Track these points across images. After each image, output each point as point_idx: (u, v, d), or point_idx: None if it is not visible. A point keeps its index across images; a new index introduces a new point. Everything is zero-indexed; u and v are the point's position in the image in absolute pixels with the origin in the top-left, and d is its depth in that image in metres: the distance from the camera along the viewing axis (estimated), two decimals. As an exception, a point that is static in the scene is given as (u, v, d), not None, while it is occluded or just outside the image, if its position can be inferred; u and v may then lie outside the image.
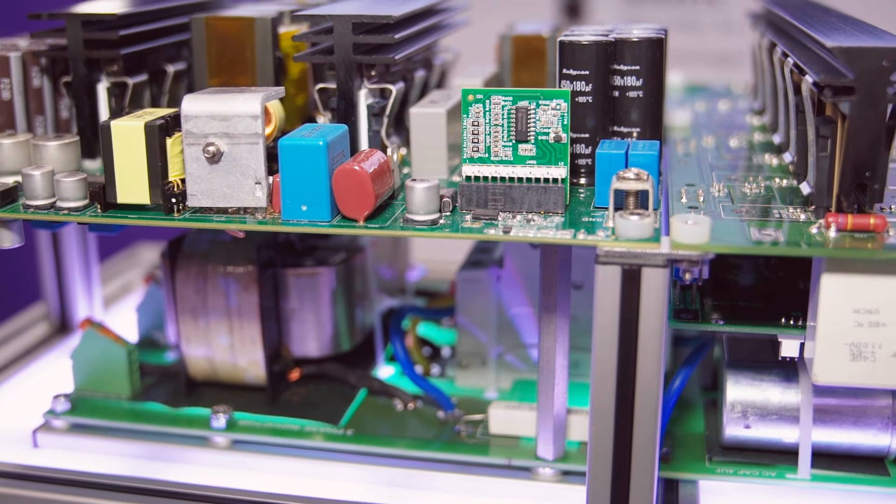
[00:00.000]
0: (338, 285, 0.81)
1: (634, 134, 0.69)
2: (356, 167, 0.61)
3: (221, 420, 0.76)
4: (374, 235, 0.63)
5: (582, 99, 0.68)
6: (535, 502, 0.70)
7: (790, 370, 0.70)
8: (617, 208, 0.60)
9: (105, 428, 0.78)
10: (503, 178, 0.64)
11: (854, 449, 0.69)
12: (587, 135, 0.69)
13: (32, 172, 0.66)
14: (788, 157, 0.74)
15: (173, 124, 0.64)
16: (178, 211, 0.65)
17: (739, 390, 0.70)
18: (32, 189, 0.66)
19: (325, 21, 0.69)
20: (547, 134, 0.64)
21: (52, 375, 0.87)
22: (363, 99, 0.70)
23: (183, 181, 0.64)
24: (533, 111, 0.63)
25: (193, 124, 0.63)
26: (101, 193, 0.65)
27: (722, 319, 0.66)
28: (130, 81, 0.75)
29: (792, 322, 0.65)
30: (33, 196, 0.66)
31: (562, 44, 0.68)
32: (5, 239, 0.68)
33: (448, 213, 0.64)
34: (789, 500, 0.69)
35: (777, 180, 0.71)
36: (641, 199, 0.60)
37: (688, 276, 0.60)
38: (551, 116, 0.63)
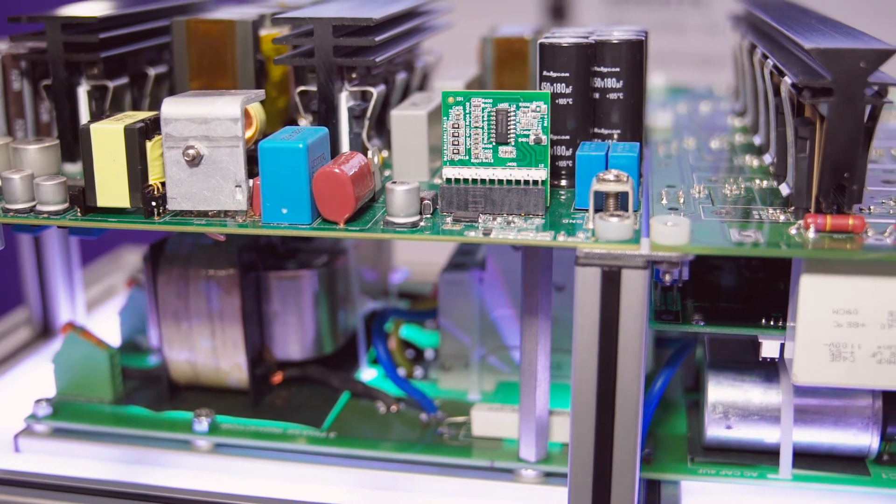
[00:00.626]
0: (320, 288, 0.81)
1: (615, 136, 0.69)
2: (336, 170, 0.61)
3: (204, 423, 0.76)
4: (354, 238, 0.63)
5: (562, 101, 0.68)
6: (518, 504, 0.70)
7: (771, 371, 0.70)
8: (597, 210, 0.60)
9: (87, 432, 0.77)
10: (483, 181, 0.64)
11: (835, 449, 0.70)
12: (568, 137, 0.69)
13: (12, 176, 0.66)
14: (768, 158, 0.74)
15: (153, 127, 0.64)
16: (159, 214, 0.64)
17: (721, 391, 0.70)
18: (12, 193, 0.66)
19: (305, 23, 0.69)
20: (527, 136, 0.64)
21: (34, 380, 0.87)
22: (344, 101, 0.70)
23: (163, 184, 0.64)
24: (513, 113, 0.64)
25: (173, 127, 0.63)
26: (81, 197, 0.65)
27: (703, 320, 0.66)
28: (111, 84, 0.74)
29: (772, 323, 0.65)
30: (13, 200, 0.66)
31: (542, 46, 0.68)
32: (-15, 242, 0.68)
33: (429, 216, 0.64)
34: (771, 500, 0.69)
35: (757, 181, 0.71)
36: (621, 201, 0.60)
37: (668, 278, 0.60)
38: (531, 118, 0.64)
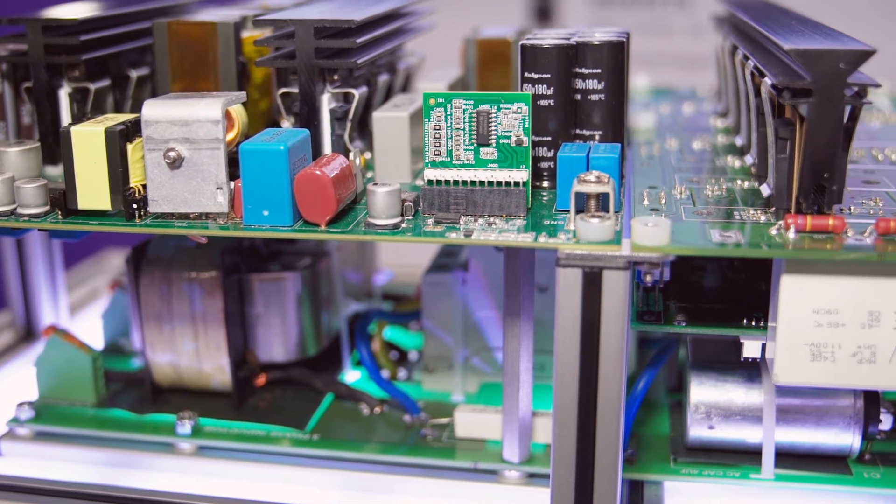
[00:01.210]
0: (303, 290, 0.80)
1: (597, 137, 0.70)
2: (317, 172, 0.61)
3: (187, 426, 0.76)
4: (335, 240, 0.63)
5: (544, 102, 0.68)
6: (501, 505, 0.70)
7: (753, 371, 0.70)
8: (578, 211, 0.61)
9: (70, 435, 0.77)
10: (465, 182, 0.64)
11: (817, 448, 0.70)
12: (549, 138, 0.69)
13: (-7, 179, 0.65)
14: (750, 159, 0.74)
15: (134, 129, 0.64)
16: (140, 217, 0.64)
17: (703, 391, 0.71)
18: (-7, 195, 0.66)
19: (286, 25, 0.69)
20: (508, 137, 0.64)
21: (17, 383, 0.87)
22: (326, 103, 0.70)
23: (144, 187, 0.64)
24: (494, 115, 0.64)
25: (154, 129, 0.62)
26: (62, 199, 0.65)
27: (685, 321, 0.66)
28: (92, 87, 0.74)
29: (754, 323, 0.65)
30: (-6, 202, 0.66)
31: (523, 47, 0.68)
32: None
33: (410, 217, 0.64)
34: (753, 499, 0.69)
35: (739, 182, 0.71)
36: (602, 202, 0.61)
37: (648, 279, 0.60)
38: (512, 120, 0.64)
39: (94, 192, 0.64)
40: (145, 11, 0.82)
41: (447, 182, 0.64)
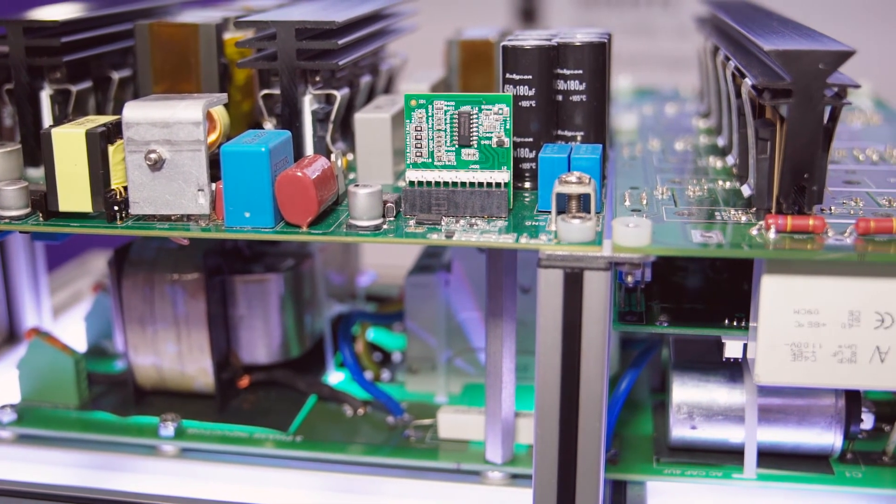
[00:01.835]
0: (286, 291, 0.80)
1: (578, 138, 0.70)
2: (299, 173, 0.61)
3: (170, 428, 0.75)
4: (317, 241, 0.63)
5: (525, 103, 0.68)
6: (484, 506, 0.70)
7: (735, 371, 0.71)
8: (559, 212, 0.61)
9: (52, 438, 0.77)
10: (447, 183, 0.64)
11: (799, 448, 0.70)
12: (531, 139, 0.69)
13: (-27, 181, 0.65)
14: (731, 159, 0.74)
15: (115, 131, 0.64)
16: (121, 219, 0.64)
17: (685, 391, 0.71)
18: (-26, 198, 0.65)
19: (268, 27, 0.69)
20: (490, 138, 0.64)
21: (-1, 386, 0.87)
22: (308, 105, 0.70)
23: (125, 189, 0.64)
24: (475, 116, 0.64)
25: (135, 131, 0.62)
26: (43, 201, 0.65)
27: (668, 321, 0.66)
28: (73, 89, 0.74)
29: (735, 323, 0.66)
30: (-25, 205, 0.65)
31: (505, 49, 0.68)
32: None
33: (392, 219, 0.64)
34: (736, 499, 0.69)
35: (720, 182, 0.71)
36: (584, 203, 0.61)
37: (630, 279, 0.60)
38: (494, 121, 0.64)
39: (75, 194, 0.64)
40: (127, 13, 0.81)
41: (429, 183, 0.64)
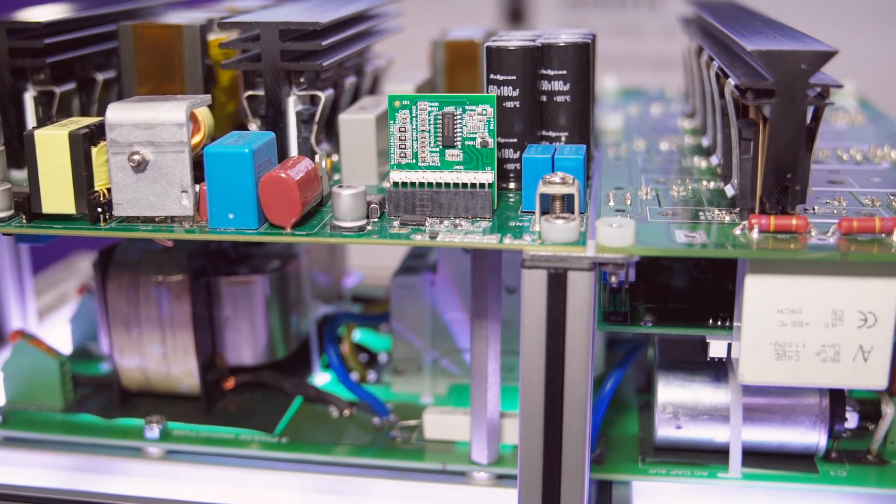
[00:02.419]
0: (272, 293, 0.80)
1: (563, 138, 0.70)
2: (282, 174, 0.61)
3: (155, 430, 0.75)
4: (301, 242, 0.63)
5: (509, 104, 0.68)
6: (470, 506, 0.70)
7: (720, 371, 0.71)
8: (544, 212, 0.61)
9: (37, 441, 0.77)
10: (431, 184, 0.64)
11: (784, 447, 0.70)
12: (515, 140, 0.69)
13: (-43, 183, 0.65)
14: (715, 159, 0.75)
15: (98, 133, 0.64)
16: (105, 220, 0.64)
17: (670, 391, 0.71)
18: (-43, 200, 0.65)
19: (252, 28, 0.69)
20: (474, 139, 0.64)
21: (-16, 388, 0.86)
22: (292, 106, 0.70)
23: (109, 190, 0.64)
24: (459, 116, 0.64)
25: (118, 133, 0.62)
26: (26, 203, 0.64)
27: (653, 321, 0.67)
28: (57, 90, 0.74)
29: (720, 323, 0.66)
30: (-42, 207, 0.65)
31: (488, 49, 0.69)
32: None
33: (376, 220, 0.64)
34: (721, 499, 0.70)
35: (705, 183, 0.72)
36: (567, 203, 0.61)
37: (614, 279, 0.60)
38: (478, 122, 0.64)
39: (58, 195, 0.64)
40: (111, 14, 0.81)
41: (413, 184, 0.64)
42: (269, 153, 0.64)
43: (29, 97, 0.74)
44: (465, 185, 0.64)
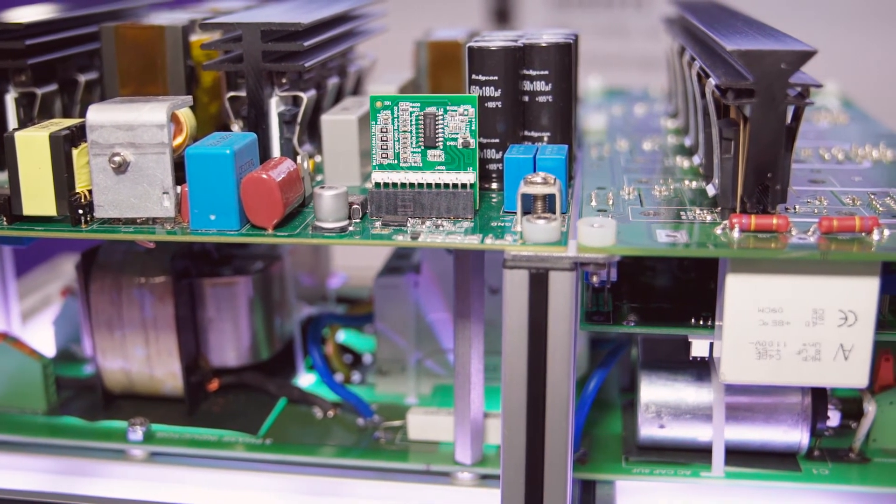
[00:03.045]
0: (255, 294, 0.80)
1: (545, 138, 0.70)
2: (264, 175, 0.61)
3: (138, 432, 0.75)
4: (283, 243, 0.63)
5: (491, 104, 0.69)
6: (454, 507, 0.70)
7: (703, 370, 0.71)
8: (525, 213, 0.61)
9: (20, 443, 0.77)
10: (412, 185, 0.64)
11: (766, 446, 0.70)
12: (497, 140, 0.69)
13: (-64, 185, 0.65)
14: (697, 159, 0.75)
15: (79, 134, 0.64)
16: (86, 222, 0.64)
17: (653, 390, 0.71)
18: (-63, 202, 0.65)
19: (234, 29, 0.69)
20: (455, 139, 0.64)
21: (-33, 391, 0.86)
22: (274, 107, 0.70)
23: (90, 192, 0.64)
24: (441, 117, 0.64)
25: (99, 134, 0.62)
26: (7, 205, 0.64)
27: (636, 321, 0.67)
28: (39, 92, 0.74)
29: (702, 322, 0.66)
30: (-62, 209, 0.65)
31: (470, 50, 0.69)
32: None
33: (358, 220, 0.64)
34: (704, 498, 0.70)
35: (687, 182, 0.72)
36: (549, 203, 0.61)
37: (595, 279, 0.61)
38: (459, 122, 0.64)
39: (39, 197, 0.63)
40: (93, 15, 0.81)
41: (394, 185, 0.64)
42: (250, 154, 0.64)
43: (10, 98, 0.74)
44: (447, 185, 0.64)
